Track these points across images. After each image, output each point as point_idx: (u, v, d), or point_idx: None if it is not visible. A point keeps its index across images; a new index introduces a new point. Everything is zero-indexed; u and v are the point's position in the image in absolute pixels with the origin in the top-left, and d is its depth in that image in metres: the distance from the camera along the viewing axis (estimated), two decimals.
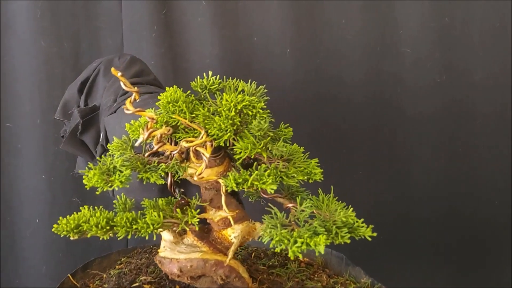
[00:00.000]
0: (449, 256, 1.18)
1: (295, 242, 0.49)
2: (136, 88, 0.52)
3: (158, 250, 0.60)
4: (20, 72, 1.11)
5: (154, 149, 0.55)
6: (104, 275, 0.64)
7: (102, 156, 0.58)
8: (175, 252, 0.58)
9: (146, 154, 0.58)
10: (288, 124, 0.62)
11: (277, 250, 0.50)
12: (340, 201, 0.58)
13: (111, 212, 0.53)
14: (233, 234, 0.59)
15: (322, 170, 0.62)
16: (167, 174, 0.62)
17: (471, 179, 1.16)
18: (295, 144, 0.62)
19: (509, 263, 1.17)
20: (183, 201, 0.58)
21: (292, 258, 0.49)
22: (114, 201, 0.58)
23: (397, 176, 1.19)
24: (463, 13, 1.12)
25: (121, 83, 0.51)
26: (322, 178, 0.61)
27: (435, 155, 1.18)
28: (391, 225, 1.18)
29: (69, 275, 0.64)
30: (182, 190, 0.62)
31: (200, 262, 0.57)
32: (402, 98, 1.18)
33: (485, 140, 1.15)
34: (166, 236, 0.60)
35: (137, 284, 0.60)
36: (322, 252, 0.49)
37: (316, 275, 0.66)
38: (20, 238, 1.15)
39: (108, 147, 0.58)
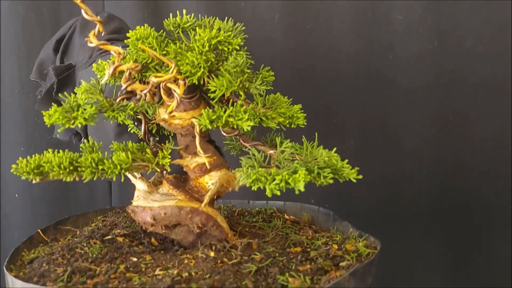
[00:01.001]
0: (442, 223, 1.15)
1: (273, 180, 0.46)
2: (98, 17, 0.49)
3: (131, 200, 0.57)
4: None
5: (123, 87, 0.52)
6: (78, 231, 0.61)
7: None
8: (148, 201, 0.55)
9: (118, 99, 0.55)
10: (269, 68, 0.59)
11: (254, 188, 0.47)
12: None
13: (76, 153, 0.50)
14: (211, 181, 0.56)
15: (305, 115, 0.59)
16: (140, 122, 0.59)
17: (462, 147, 1.14)
18: (278, 93, 0.59)
19: (505, 239, 1.14)
20: (156, 148, 0.55)
21: (269, 195, 0.46)
22: (80, 145, 0.54)
23: (388, 146, 1.16)
24: None
25: (82, 11, 0.48)
26: (306, 123, 0.59)
27: (426, 123, 1.15)
28: (382, 195, 1.15)
29: (39, 230, 0.61)
30: (157, 138, 0.59)
31: (175, 210, 0.54)
32: (394, 66, 1.15)
33: (476, 108, 1.13)
34: (140, 185, 0.57)
35: (110, 237, 0.57)
36: (302, 190, 0.46)
37: (302, 231, 0.63)
38: None
39: (76, 91, 0.55)
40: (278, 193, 0.46)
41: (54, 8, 1.09)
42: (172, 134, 0.62)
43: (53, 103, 0.80)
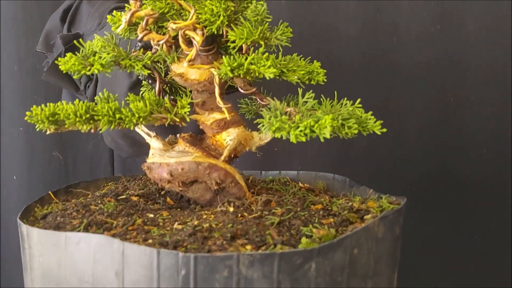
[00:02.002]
0: (442, 205, 1.16)
1: (297, 127, 0.46)
2: None
3: (146, 158, 0.56)
4: None
5: (139, 37, 0.51)
6: (89, 194, 0.60)
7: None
8: (164, 158, 0.54)
9: (133, 52, 0.54)
10: (288, 24, 0.59)
11: (277, 135, 0.46)
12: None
13: (92, 103, 0.49)
14: (229, 137, 0.55)
15: (325, 71, 0.59)
16: (154, 80, 0.58)
17: (462, 129, 1.16)
18: (294, 54, 0.59)
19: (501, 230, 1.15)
20: (173, 103, 0.55)
21: (294, 141, 0.45)
22: (95, 97, 0.53)
23: (390, 127, 1.16)
24: None
25: None
26: (325, 80, 0.58)
27: (427, 105, 1.16)
28: (383, 175, 1.15)
29: (50, 192, 0.60)
30: (172, 97, 0.59)
31: (193, 165, 0.53)
32: (398, 49, 1.16)
33: (476, 90, 1.14)
34: (155, 144, 0.56)
35: (124, 196, 0.56)
36: (328, 137, 0.45)
37: (319, 197, 0.63)
38: None
39: (87, 45, 0.54)
40: (304, 139, 0.45)
41: None
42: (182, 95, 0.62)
43: (60, 74, 0.80)
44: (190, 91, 0.58)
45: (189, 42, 0.52)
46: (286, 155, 1.08)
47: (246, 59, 0.49)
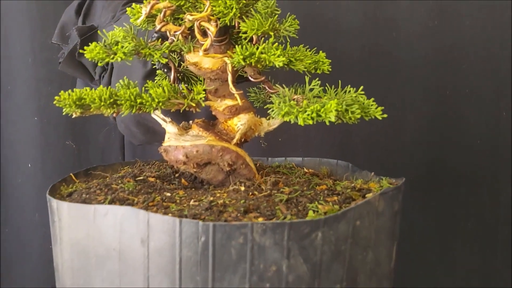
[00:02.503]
0: (440, 188, 1.20)
1: (305, 111, 0.50)
2: None
3: (162, 142, 0.61)
4: (10, 9, 1.11)
5: (157, 28, 0.55)
6: (108, 177, 0.65)
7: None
8: (180, 141, 0.58)
9: (151, 42, 0.59)
10: (295, 16, 0.63)
11: (286, 119, 0.51)
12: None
13: (114, 89, 0.54)
14: (240, 122, 0.60)
15: (330, 61, 0.63)
16: (169, 69, 0.62)
17: (458, 121, 1.20)
18: (301, 45, 0.63)
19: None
20: (186, 88, 0.59)
21: (302, 124, 0.49)
22: (116, 84, 0.58)
23: (389, 118, 1.20)
24: None
25: None
26: (331, 69, 0.62)
27: (425, 97, 1.21)
28: (383, 164, 1.20)
29: (71, 174, 0.64)
30: (186, 85, 0.63)
31: (207, 147, 0.57)
32: (397, 43, 1.20)
33: (472, 83, 1.18)
34: (170, 129, 0.61)
35: (141, 177, 0.60)
36: (333, 120, 0.50)
37: (323, 180, 0.67)
38: (11, 186, 1.15)
39: (109, 35, 0.58)
40: (311, 122, 0.50)
41: None
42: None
43: (75, 64, 0.84)
44: (202, 80, 0.63)
45: (204, 33, 0.56)
46: (290, 144, 1.12)
47: (257, 48, 0.53)
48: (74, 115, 0.54)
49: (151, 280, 0.44)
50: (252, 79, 0.61)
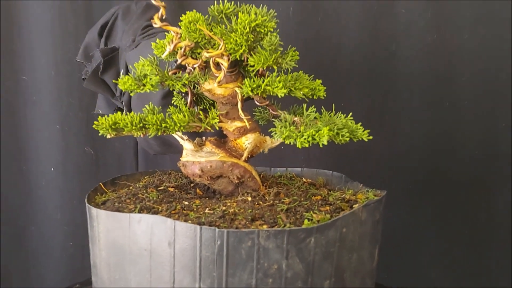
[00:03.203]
0: (434, 197, 1.29)
1: (302, 135, 0.60)
2: (163, 3, 0.62)
3: (180, 158, 0.71)
4: (35, 26, 1.21)
5: (178, 61, 0.65)
6: (131, 186, 0.75)
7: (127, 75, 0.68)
8: (196, 157, 0.69)
9: (171, 72, 0.69)
10: (295, 48, 0.72)
11: (287, 142, 0.61)
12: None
13: (142, 114, 0.64)
14: (247, 141, 0.70)
15: (325, 88, 0.73)
16: (186, 93, 0.72)
17: (454, 130, 1.29)
18: (300, 71, 0.72)
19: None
20: (203, 113, 0.69)
21: (299, 147, 0.59)
22: (143, 109, 0.68)
23: (389, 127, 1.31)
24: None
25: (152, 0, 0.61)
26: (326, 95, 0.72)
27: (423, 108, 1.29)
28: (382, 172, 1.29)
29: (100, 183, 0.74)
30: (201, 107, 0.73)
31: (219, 163, 0.67)
32: (396, 57, 1.29)
33: (469, 95, 1.27)
34: (187, 146, 0.71)
35: (162, 187, 0.71)
36: (325, 143, 0.60)
37: (319, 190, 0.77)
38: (36, 187, 1.26)
39: (136, 66, 0.68)
40: (307, 145, 0.60)
41: None
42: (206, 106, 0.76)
43: (98, 82, 0.94)
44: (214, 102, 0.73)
45: (218, 66, 0.66)
46: (292, 152, 1.22)
47: (263, 81, 0.63)
48: (108, 136, 0.64)
49: (176, 275, 0.54)
50: (257, 103, 0.71)
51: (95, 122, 0.62)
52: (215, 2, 0.71)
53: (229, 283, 0.53)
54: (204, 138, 0.74)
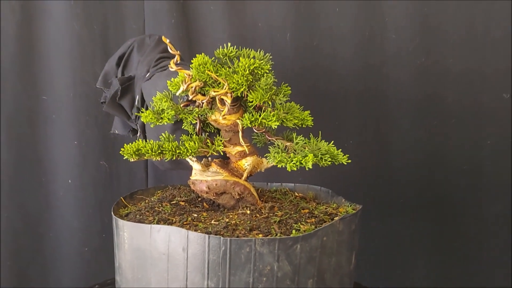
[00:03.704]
0: (426, 212, 1.44)
1: (292, 161, 0.75)
2: (178, 51, 0.77)
3: (190, 177, 0.86)
4: (56, 51, 1.36)
5: (190, 97, 0.81)
6: (147, 199, 0.90)
7: (142, 109, 0.83)
8: (203, 176, 0.84)
9: (182, 105, 0.84)
10: (287, 84, 0.87)
11: (279, 165, 0.76)
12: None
13: (159, 141, 0.79)
14: (246, 163, 0.85)
15: (312, 118, 0.87)
16: (195, 124, 0.87)
17: (443, 148, 1.43)
18: (293, 102, 0.87)
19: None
20: (210, 140, 0.84)
21: (289, 170, 0.74)
22: (160, 137, 0.83)
23: (381, 146, 1.45)
24: (438, 5, 1.38)
25: (168, 48, 0.77)
26: (313, 124, 0.87)
27: (413, 127, 1.44)
28: (375, 187, 1.44)
29: (121, 197, 0.89)
30: (208, 134, 0.88)
31: (223, 182, 0.82)
32: (387, 79, 1.43)
33: (455, 115, 1.41)
34: (196, 166, 0.86)
35: (174, 201, 0.86)
36: (310, 167, 0.75)
37: (308, 203, 0.92)
38: (54, 197, 1.41)
39: (154, 100, 0.83)
40: (295, 168, 0.75)
41: (104, 26, 1.37)
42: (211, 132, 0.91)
43: (116, 106, 1.09)
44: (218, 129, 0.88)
45: (222, 101, 0.81)
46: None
47: (259, 115, 0.78)
48: (132, 160, 0.79)
49: (188, 275, 0.69)
50: (255, 131, 0.86)
51: (122, 149, 0.77)
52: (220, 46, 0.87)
53: (231, 281, 0.68)
54: (210, 159, 0.89)
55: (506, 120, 1.40)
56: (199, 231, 0.72)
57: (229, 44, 0.86)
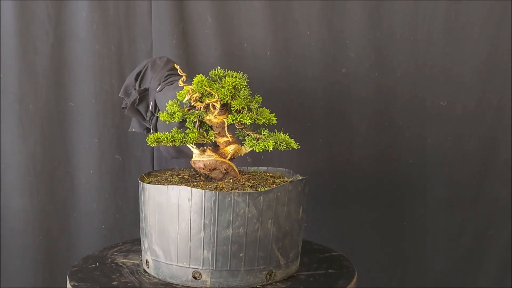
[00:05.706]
0: (383, 196, 1.95)
1: (259, 145, 1.26)
2: (185, 74, 1.29)
3: (192, 158, 1.36)
4: (81, 66, 1.88)
5: (192, 104, 1.31)
6: (161, 176, 1.40)
7: (159, 113, 1.34)
8: (201, 158, 1.34)
9: (187, 109, 1.35)
10: (259, 95, 1.38)
11: (251, 149, 1.26)
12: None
13: (171, 133, 1.29)
14: (230, 149, 1.36)
15: (275, 116, 1.38)
16: (195, 122, 1.38)
17: (394, 145, 1.95)
18: (264, 107, 1.39)
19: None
20: (205, 133, 1.35)
21: (257, 151, 1.25)
22: (173, 129, 1.33)
23: (344, 143, 1.97)
24: (391, 25, 1.90)
25: (176, 68, 1.28)
26: (276, 122, 1.38)
27: (370, 128, 1.95)
28: (341, 176, 1.95)
29: (143, 174, 1.40)
30: (204, 129, 1.39)
31: (214, 161, 1.33)
32: (348, 89, 1.95)
33: (403, 116, 1.93)
34: (196, 151, 1.36)
35: (181, 176, 1.36)
36: (271, 149, 1.25)
37: (274, 178, 1.42)
38: (78, 184, 1.92)
39: (167, 105, 1.34)
40: (261, 150, 1.25)
41: (119, 45, 1.89)
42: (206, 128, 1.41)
43: (135, 111, 1.60)
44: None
45: (214, 106, 1.32)
46: (270, 159, 1.88)
47: (239, 116, 1.29)
48: (152, 145, 1.29)
49: (191, 217, 1.19)
50: (237, 127, 1.37)
51: (146, 139, 1.27)
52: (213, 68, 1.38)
53: (218, 220, 1.18)
54: (205, 147, 1.40)
55: (443, 122, 1.92)
56: (199, 188, 1.23)
57: (218, 68, 1.37)
